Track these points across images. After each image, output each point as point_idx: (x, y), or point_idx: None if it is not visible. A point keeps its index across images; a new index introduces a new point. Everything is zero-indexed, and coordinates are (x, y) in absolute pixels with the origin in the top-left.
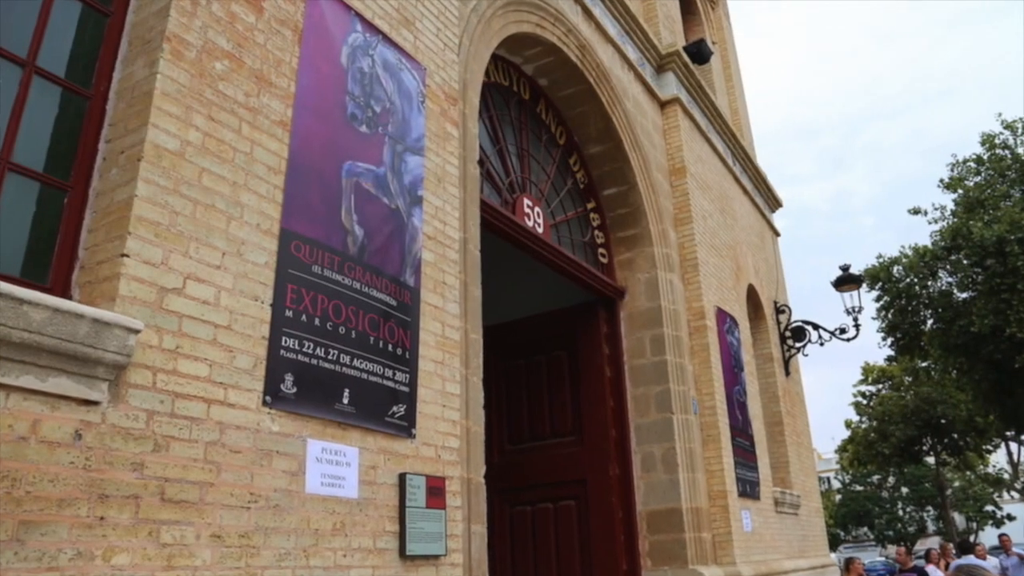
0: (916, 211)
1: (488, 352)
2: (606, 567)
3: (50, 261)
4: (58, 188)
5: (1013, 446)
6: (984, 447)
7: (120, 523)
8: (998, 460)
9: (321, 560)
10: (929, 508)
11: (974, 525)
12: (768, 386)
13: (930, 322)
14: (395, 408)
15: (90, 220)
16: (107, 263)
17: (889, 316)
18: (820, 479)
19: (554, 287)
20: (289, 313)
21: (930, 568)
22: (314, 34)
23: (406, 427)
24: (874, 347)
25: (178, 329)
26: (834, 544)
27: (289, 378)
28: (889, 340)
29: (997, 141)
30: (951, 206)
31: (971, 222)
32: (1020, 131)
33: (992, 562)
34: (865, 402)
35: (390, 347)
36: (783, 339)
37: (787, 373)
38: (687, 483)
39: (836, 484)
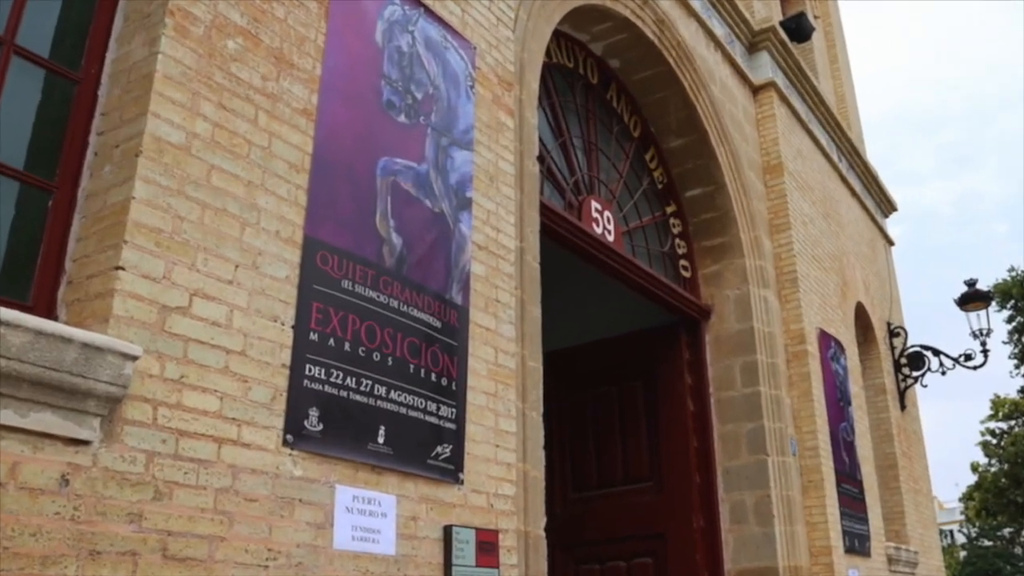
0: None
1: (549, 383)
2: None
3: (32, 275)
4: (41, 189)
5: None
6: None
7: None
8: None
9: None
10: None
11: None
12: (880, 423)
13: None
14: (439, 449)
15: (79, 227)
16: (99, 277)
17: (1023, 340)
18: (941, 532)
19: (627, 306)
20: (314, 336)
21: None
22: (343, 6)
23: (452, 471)
24: (1005, 376)
25: (183, 355)
26: None
27: (314, 413)
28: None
29: None
30: None
31: None
32: None
33: None
34: (995, 442)
35: (433, 376)
36: (898, 367)
37: (902, 407)
38: (784, 537)
39: (960, 538)
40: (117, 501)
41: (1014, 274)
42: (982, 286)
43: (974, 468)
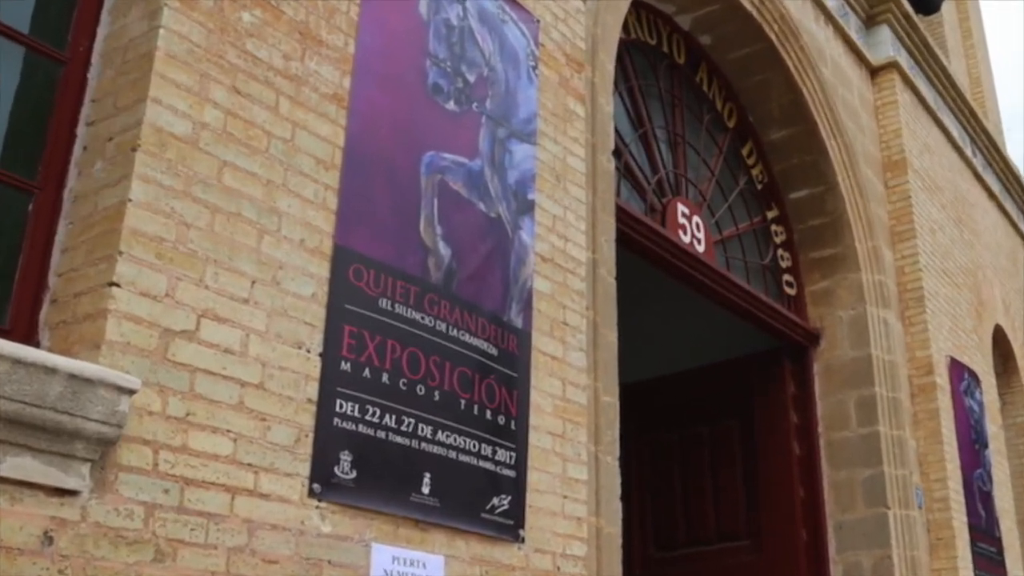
0: None
1: (627, 421)
2: None
3: (9, 293)
4: (20, 189)
5: None
6: None
7: None
8: None
9: None
10: None
11: None
12: (1023, 469)
13: None
14: (496, 500)
15: (65, 234)
16: (89, 295)
17: None
18: None
19: (720, 329)
20: (346, 366)
21: None
22: None
23: (511, 527)
24: None
25: (189, 389)
26: None
27: (346, 458)
28: None
29: None
30: None
31: None
32: None
33: None
34: None
35: (488, 414)
36: None
37: None
38: None
39: None
40: (111, 563)
41: None
42: None
43: None
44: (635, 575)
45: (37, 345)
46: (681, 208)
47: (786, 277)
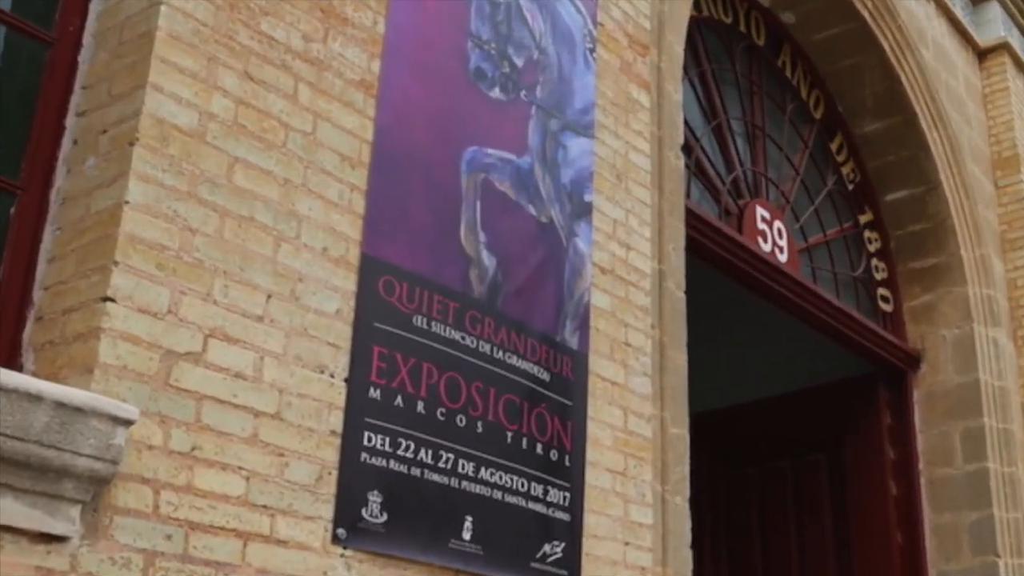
0: None
1: (697, 455)
2: None
3: None
4: (0, 190)
5: None
6: None
7: None
8: None
9: None
10: None
11: None
12: None
13: None
14: (547, 547)
15: (53, 242)
16: (80, 311)
17: None
18: None
19: (805, 351)
20: (375, 393)
21: None
22: None
23: None
24: None
25: (195, 419)
26: None
27: (375, 499)
28: None
29: None
30: None
31: None
32: None
33: None
34: None
35: (539, 448)
36: None
37: None
38: None
39: None
40: None
41: None
42: None
43: None
44: None
45: (20, 369)
46: (760, 212)
47: (881, 291)
